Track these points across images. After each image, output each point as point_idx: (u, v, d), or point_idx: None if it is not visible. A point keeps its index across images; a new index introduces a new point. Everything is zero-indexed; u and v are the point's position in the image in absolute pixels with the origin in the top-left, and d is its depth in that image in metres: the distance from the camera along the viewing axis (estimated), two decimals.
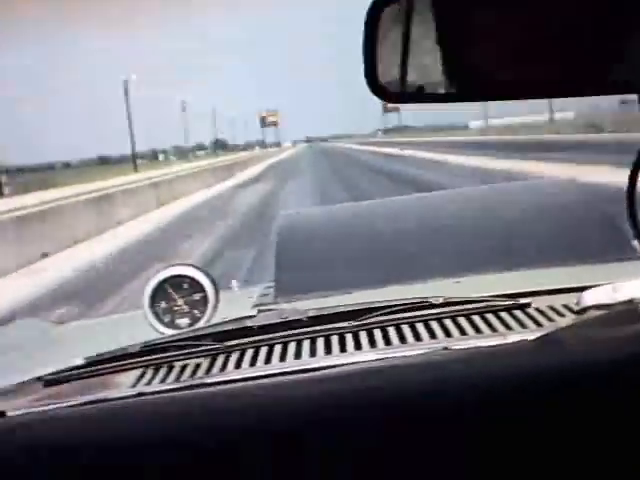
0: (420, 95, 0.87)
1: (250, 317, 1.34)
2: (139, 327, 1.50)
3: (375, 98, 0.92)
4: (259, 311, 1.37)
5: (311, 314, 1.33)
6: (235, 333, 1.32)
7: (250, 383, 1.08)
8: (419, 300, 1.34)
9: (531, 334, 1.14)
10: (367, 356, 1.17)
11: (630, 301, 1.17)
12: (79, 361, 1.30)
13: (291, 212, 2.27)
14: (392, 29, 0.86)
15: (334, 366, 1.12)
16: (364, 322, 1.31)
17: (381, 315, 1.31)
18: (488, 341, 1.17)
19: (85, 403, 1.11)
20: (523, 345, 1.05)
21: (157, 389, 1.17)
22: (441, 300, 1.32)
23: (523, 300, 1.33)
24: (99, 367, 1.29)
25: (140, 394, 1.13)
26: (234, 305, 1.63)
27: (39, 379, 1.27)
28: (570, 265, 1.64)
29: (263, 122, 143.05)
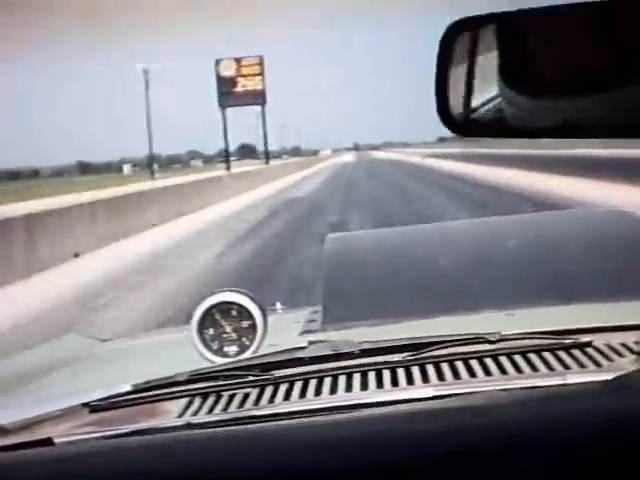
0: (493, 129, 0.94)
1: (301, 348, 1.43)
2: (184, 350, 1.60)
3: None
4: (310, 342, 1.45)
5: (363, 347, 1.41)
6: (285, 364, 1.40)
7: (299, 420, 1.16)
8: (474, 336, 1.41)
9: (591, 375, 1.22)
10: (420, 392, 1.24)
11: None
12: (126, 387, 1.40)
13: (340, 235, 2.39)
14: (465, 59, 0.93)
15: (386, 402, 1.20)
16: (417, 357, 1.39)
17: (435, 350, 1.39)
18: (546, 381, 1.23)
19: (132, 432, 1.19)
20: (588, 388, 1.12)
21: (205, 420, 1.25)
22: (497, 336, 1.40)
23: (583, 339, 1.40)
24: (146, 394, 1.37)
25: (188, 425, 1.21)
26: (280, 330, 1.74)
27: (85, 405, 1.36)
28: (627, 301, 1.72)
29: (225, 88, 58.99)
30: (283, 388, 1.36)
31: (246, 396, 1.35)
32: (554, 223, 2.28)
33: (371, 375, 1.38)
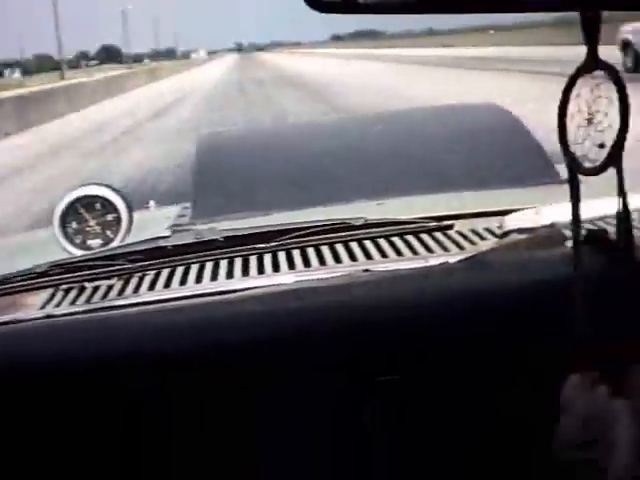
0: (363, 5, 0.89)
1: (163, 237, 1.47)
2: (49, 248, 1.62)
3: None
4: (173, 231, 1.50)
5: (227, 234, 1.46)
6: (148, 253, 1.43)
7: (163, 305, 1.18)
8: (339, 221, 1.47)
9: (453, 257, 1.27)
10: (285, 278, 1.29)
11: (552, 225, 1.30)
12: None
13: (212, 131, 2.47)
14: None
15: (252, 288, 1.23)
16: (282, 243, 1.44)
17: (300, 236, 1.45)
18: (409, 264, 1.29)
19: None
20: (446, 267, 1.18)
21: (67, 311, 1.26)
22: (362, 221, 1.47)
23: (445, 222, 1.48)
24: (5, 287, 1.39)
25: (49, 316, 1.22)
26: (150, 226, 1.77)
27: None
28: (494, 189, 1.84)
29: None
30: (148, 278, 1.39)
31: (110, 288, 1.38)
32: (426, 116, 2.38)
33: (237, 263, 1.42)
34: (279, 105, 18.68)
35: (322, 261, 1.40)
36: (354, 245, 1.45)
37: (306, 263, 1.40)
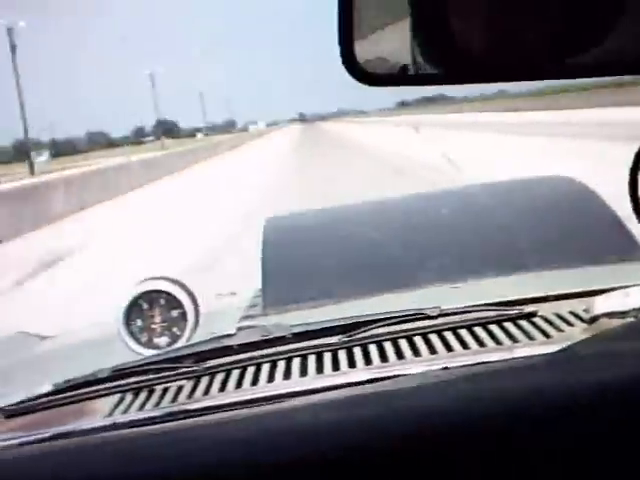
0: (405, 77, 0.90)
1: (229, 336, 1.44)
2: (113, 346, 1.60)
3: None
4: (238, 329, 1.46)
5: (296, 330, 1.43)
6: (215, 353, 1.40)
7: (236, 413, 1.13)
8: (414, 312, 1.43)
9: (540, 347, 1.24)
10: (361, 375, 1.25)
11: None
12: (46, 388, 1.37)
13: (278, 215, 2.42)
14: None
15: (326, 388, 1.21)
16: (354, 337, 1.40)
17: (372, 329, 1.40)
18: (493, 356, 1.24)
19: (53, 436, 1.16)
20: (536, 361, 1.11)
21: (134, 418, 1.23)
22: (437, 312, 1.42)
23: (528, 309, 1.42)
24: (69, 394, 1.35)
25: (116, 424, 1.19)
26: (221, 318, 1.77)
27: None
28: (575, 268, 1.77)
29: None
30: (219, 378, 1.36)
31: (179, 390, 1.35)
32: (495, 192, 2.33)
33: (311, 360, 1.38)
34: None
35: (399, 355, 1.35)
36: (433, 336, 1.40)
37: (383, 357, 1.35)
